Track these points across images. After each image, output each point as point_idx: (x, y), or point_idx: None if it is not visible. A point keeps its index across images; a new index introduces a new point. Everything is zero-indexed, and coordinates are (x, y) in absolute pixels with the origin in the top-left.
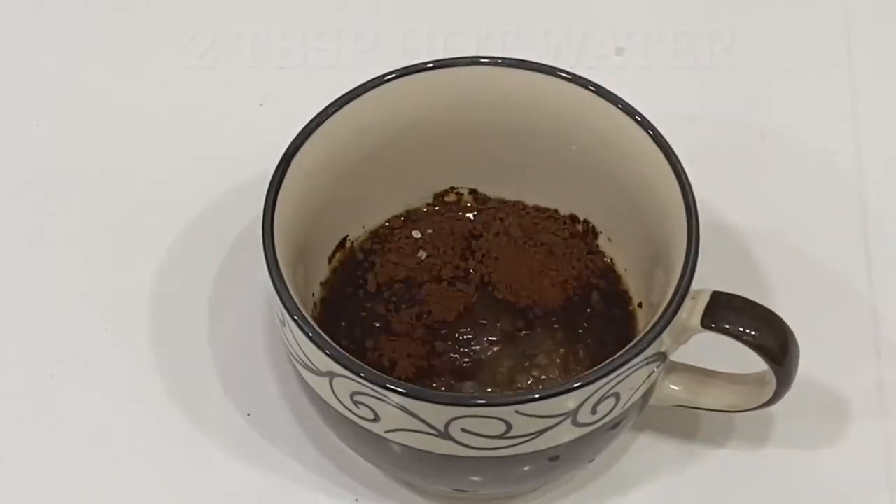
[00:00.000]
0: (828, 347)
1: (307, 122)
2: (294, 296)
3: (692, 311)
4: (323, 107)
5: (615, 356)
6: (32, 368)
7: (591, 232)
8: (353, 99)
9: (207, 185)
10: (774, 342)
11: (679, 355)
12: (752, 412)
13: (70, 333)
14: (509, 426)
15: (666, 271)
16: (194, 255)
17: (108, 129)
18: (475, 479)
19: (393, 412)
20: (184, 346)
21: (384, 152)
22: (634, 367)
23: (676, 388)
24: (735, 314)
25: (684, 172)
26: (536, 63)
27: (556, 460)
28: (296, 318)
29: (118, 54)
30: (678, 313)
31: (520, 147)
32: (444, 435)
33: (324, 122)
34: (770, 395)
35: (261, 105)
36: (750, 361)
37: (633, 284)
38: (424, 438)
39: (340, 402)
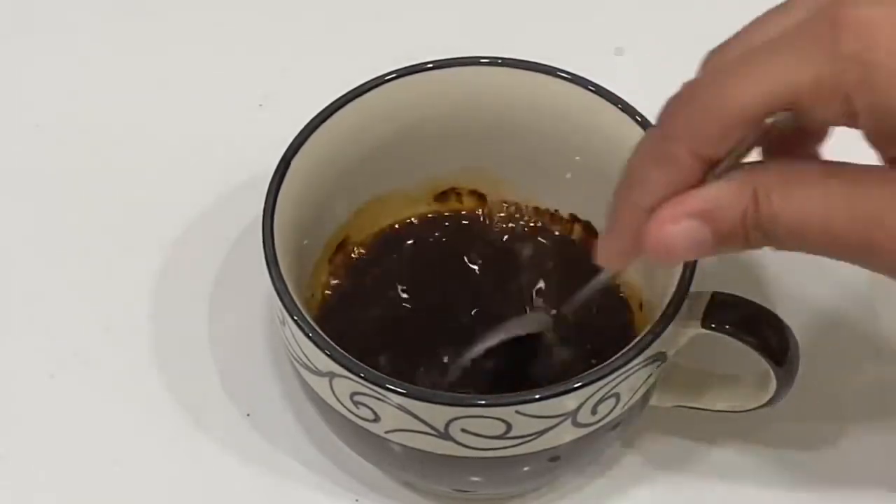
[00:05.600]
0: (828, 347)
1: (307, 122)
2: (294, 296)
3: (692, 311)
4: (323, 107)
5: (615, 357)
6: (32, 368)
7: (591, 233)
8: (353, 99)
9: (207, 185)
10: (774, 342)
11: (679, 355)
12: (752, 412)
13: (70, 333)
14: (509, 426)
15: (666, 271)
16: (194, 255)
17: (107, 128)
18: (475, 479)
19: (393, 412)
20: (184, 346)
21: (384, 152)
22: (635, 368)
23: (676, 388)
24: (735, 314)
25: None
26: (536, 63)
27: (556, 461)
28: (296, 318)
29: (118, 54)
30: (678, 313)
31: (520, 147)
32: (444, 435)
33: (324, 122)
34: (770, 395)
35: (261, 105)
36: (750, 361)
37: (634, 285)
38: (424, 439)
39: (340, 402)
